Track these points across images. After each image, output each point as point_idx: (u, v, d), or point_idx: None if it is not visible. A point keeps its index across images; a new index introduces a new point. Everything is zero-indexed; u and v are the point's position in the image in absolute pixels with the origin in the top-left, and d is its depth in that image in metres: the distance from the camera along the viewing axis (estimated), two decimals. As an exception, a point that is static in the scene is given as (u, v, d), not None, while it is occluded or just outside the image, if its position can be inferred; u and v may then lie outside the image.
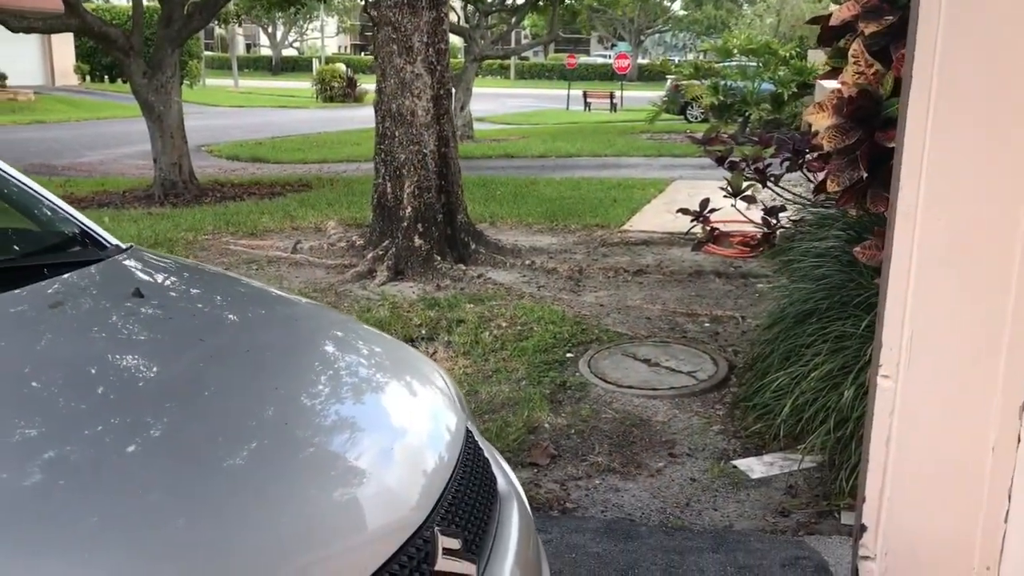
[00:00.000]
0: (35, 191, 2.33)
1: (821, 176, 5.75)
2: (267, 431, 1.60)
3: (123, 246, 2.35)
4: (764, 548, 3.12)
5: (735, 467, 3.76)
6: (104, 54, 36.11)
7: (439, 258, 6.84)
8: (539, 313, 5.65)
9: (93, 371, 1.67)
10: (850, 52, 3.55)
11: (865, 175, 3.51)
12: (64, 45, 35.25)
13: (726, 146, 6.64)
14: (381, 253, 6.88)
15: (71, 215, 2.37)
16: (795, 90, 16.44)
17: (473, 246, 7.14)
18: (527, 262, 7.08)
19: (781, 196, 6.16)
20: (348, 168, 14.35)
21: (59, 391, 1.60)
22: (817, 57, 17.56)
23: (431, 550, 1.53)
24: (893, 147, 3.39)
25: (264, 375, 1.78)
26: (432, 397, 1.98)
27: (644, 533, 3.23)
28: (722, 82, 17.31)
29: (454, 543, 1.59)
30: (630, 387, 4.55)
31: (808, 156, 5.65)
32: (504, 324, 5.48)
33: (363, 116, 26.60)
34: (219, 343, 1.87)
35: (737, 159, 6.42)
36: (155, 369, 1.72)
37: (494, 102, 33.14)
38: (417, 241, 6.84)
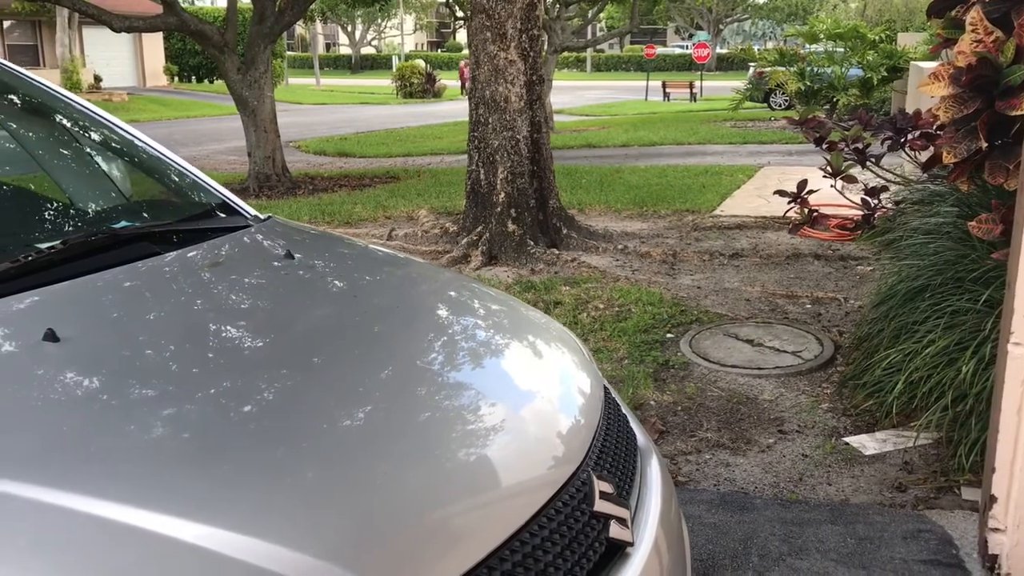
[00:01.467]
0: (185, 167, 2.45)
1: (925, 155, 5.63)
2: (428, 380, 1.66)
3: (262, 216, 2.45)
4: (884, 521, 3.09)
5: (847, 444, 3.72)
6: (191, 56, 37.27)
7: (532, 243, 6.90)
8: (636, 295, 5.66)
9: (257, 323, 1.76)
10: (968, 20, 3.47)
11: (984, 145, 3.43)
12: (154, 48, 36.45)
13: (824, 127, 6.53)
14: (475, 239, 6.97)
15: (214, 188, 2.48)
16: (885, 74, 16.03)
17: (565, 231, 7.17)
18: (619, 246, 7.08)
19: (881, 177, 6.04)
20: (432, 161, 14.52)
21: (224, 341, 1.69)
22: (907, 40, 17.09)
23: (588, 492, 1.57)
24: (1015, 116, 3.31)
25: (420, 328, 1.85)
26: (571, 352, 2.03)
27: (759, 505, 3.22)
28: (808, 68, 16.98)
29: (608, 487, 1.64)
30: (734, 366, 4.53)
31: (911, 135, 5.54)
32: (601, 306, 5.50)
33: (443, 111, 26.87)
34: (371, 299, 1.95)
35: (836, 139, 6.32)
36: (315, 322, 1.80)
37: (570, 95, 33.09)
38: (510, 226, 6.90)
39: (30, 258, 1.75)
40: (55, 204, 2.37)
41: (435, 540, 1.31)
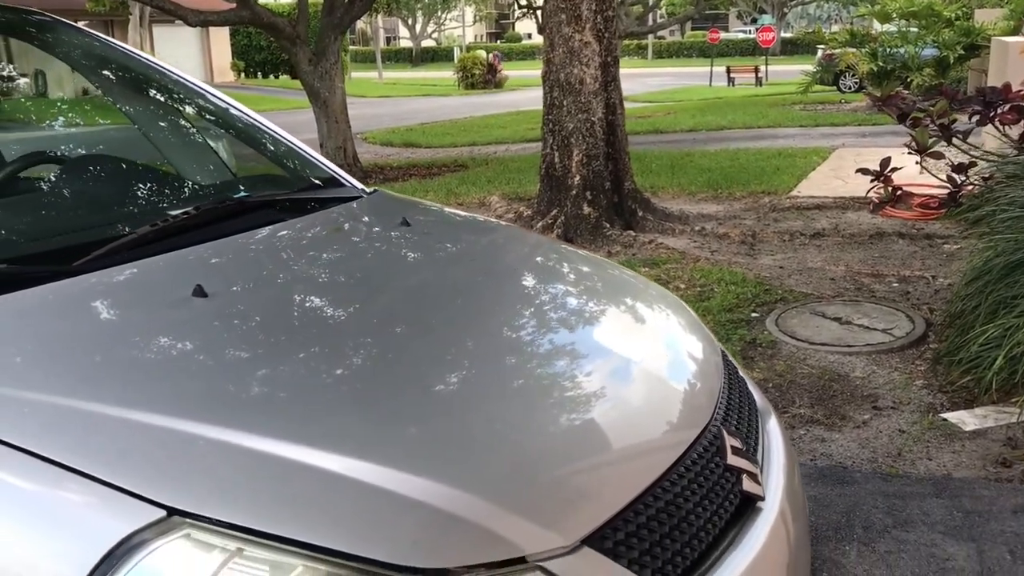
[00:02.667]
0: (297, 146, 2.53)
1: (1017, 129, 5.46)
2: (561, 338, 1.70)
3: (368, 189, 2.50)
4: (991, 495, 3.03)
5: (945, 420, 3.65)
6: (257, 51, 37.89)
7: (608, 225, 6.88)
8: (717, 275, 5.62)
9: (387, 281, 1.81)
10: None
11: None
12: (221, 44, 37.16)
13: (908, 103, 6.38)
14: (550, 222, 6.98)
15: (324, 163, 2.55)
16: (961, 52, 15.56)
17: (640, 213, 7.14)
18: (696, 228, 7.03)
19: (969, 153, 5.88)
20: (498, 149, 14.55)
21: (358, 297, 1.74)
22: (985, 16, 16.56)
23: (721, 446, 1.59)
24: None
25: (543, 289, 1.89)
26: (688, 315, 2.04)
27: (859, 479, 3.19)
28: (880, 48, 16.57)
29: (737, 443, 1.65)
30: (823, 344, 4.47)
31: (1001, 108, 5.38)
32: (683, 286, 5.47)
33: (505, 101, 26.86)
34: (491, 261, 1.99)
35: (920, 115, 6.16)
36: (443, 280, 1.85)
37: (633, 82, 32.78)
38: (586, 209, 6.90)
39: (168, 223, 1.82)
40: (187, 180, 2.46)
41: (581, 485, 1.34)
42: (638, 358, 1.72)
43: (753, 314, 4.96)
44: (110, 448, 1.15)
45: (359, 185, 2.54)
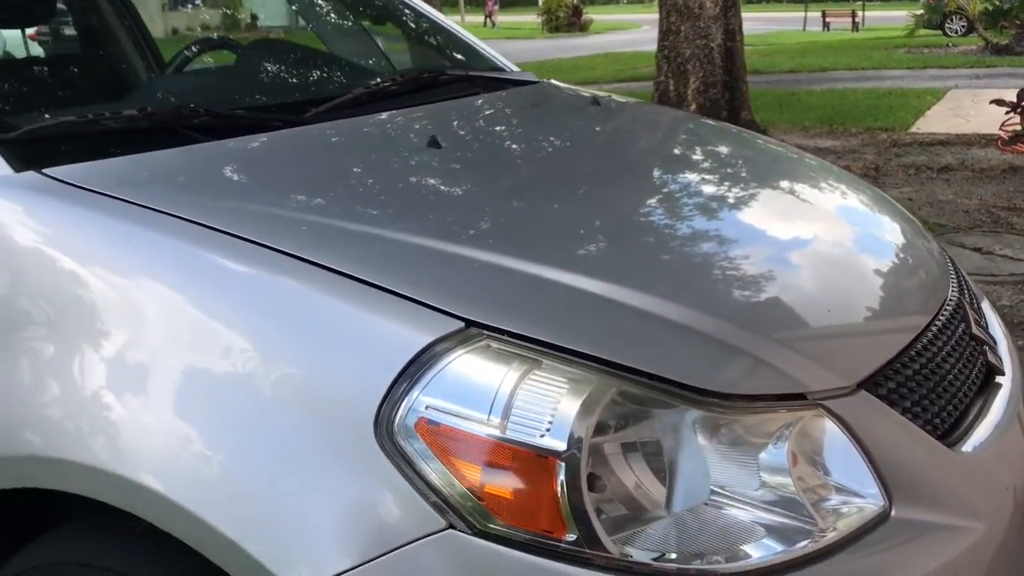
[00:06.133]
0: (472, 40, 2.53)
1: None
2: (794, 207, 1.70)
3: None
4: None
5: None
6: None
7: (722, 157, 6.75)
8: (843, 205, 5.46)
9: (598, 146, 1.87)
10: None
11: None
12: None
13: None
14: (662, 152, 6.88)
15: (496, 57, 2.54)
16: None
17: (755, 145, 6.98)
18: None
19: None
20: (590, 88, 14.35)
21: (569, 158, 1.78)
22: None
23: (964, 315, 1.54)
24: None
25: (749, 164, 1.89)
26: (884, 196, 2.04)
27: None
28: (996, -13, 15.80)
29: (975, 316, 1.60)
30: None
31: None
32: (807, 215, 5.34)
33: (589, 44, 26.50)
34: (692, 137, 1.99)
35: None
36: (649, 148, 1.88)
37: (724, 26, 31.96)
38: (700, 139, 6.76)
39: (379, 87, 1.85)
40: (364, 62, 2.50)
41: (856, 331, 1.36)
42: (884, 228, 1.76)
43: (886, 242, 4.81)
44: (407, 269, 1.17)
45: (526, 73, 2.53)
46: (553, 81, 2.50)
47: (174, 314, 1.13)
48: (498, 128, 1.84)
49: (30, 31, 2.86)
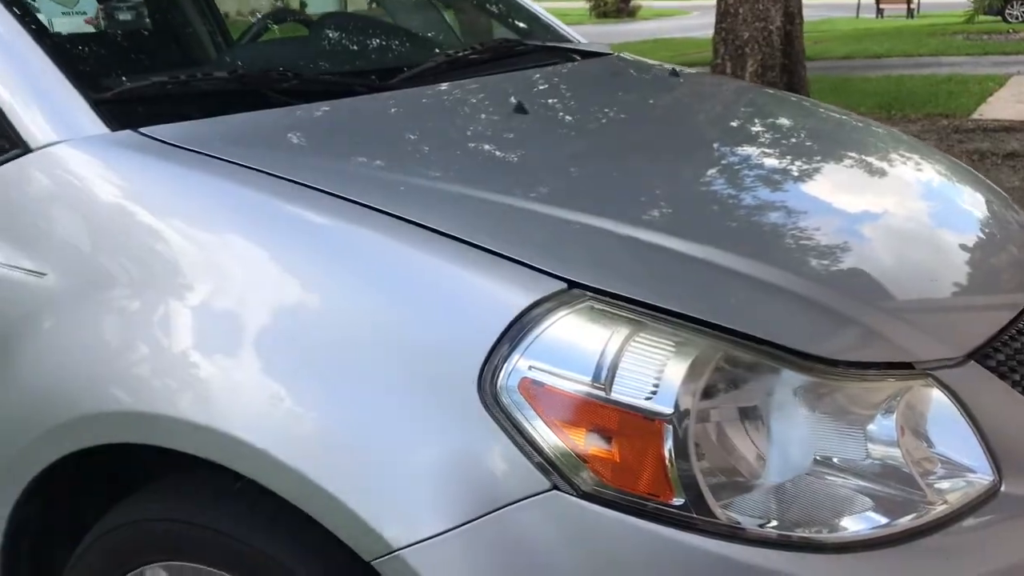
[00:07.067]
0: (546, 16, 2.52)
1: None
2: (882, 182, 1.67)
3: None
4: None
5: None
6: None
7: (779, 141, 6.65)
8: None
9: (692, 115, 1.88)
10: None
11: None
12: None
13: None
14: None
15: (566, 30, 2.52)
16: None
17: (813, 130, 6.87)
18: (873, 147, 6.72)
19: None
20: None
21: (652, 123, 1.81)
22: None
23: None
24: None
25: (838, 136, 1.87)
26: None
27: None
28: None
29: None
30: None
31: None
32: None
33: (638, 30, 26.27)
34: (772, 106, 1.98)
35: None
36: (712, 122, 1.87)
37: (774, 12, 31.49)
38: (756, 123, 6.67)
39: (459, 55, 1.85)
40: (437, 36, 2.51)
41: (963, 303, 1.33)
42: (977, 200, 1.74)
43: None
44: (508, 230, 1.16)
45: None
46: (625, 54, 2.48)
47: (273, 272, 1.13)
48: (581, 95, 1.83)
49: (86, 16, 2.91)
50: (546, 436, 1.01)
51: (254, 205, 1.17)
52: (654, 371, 1.01)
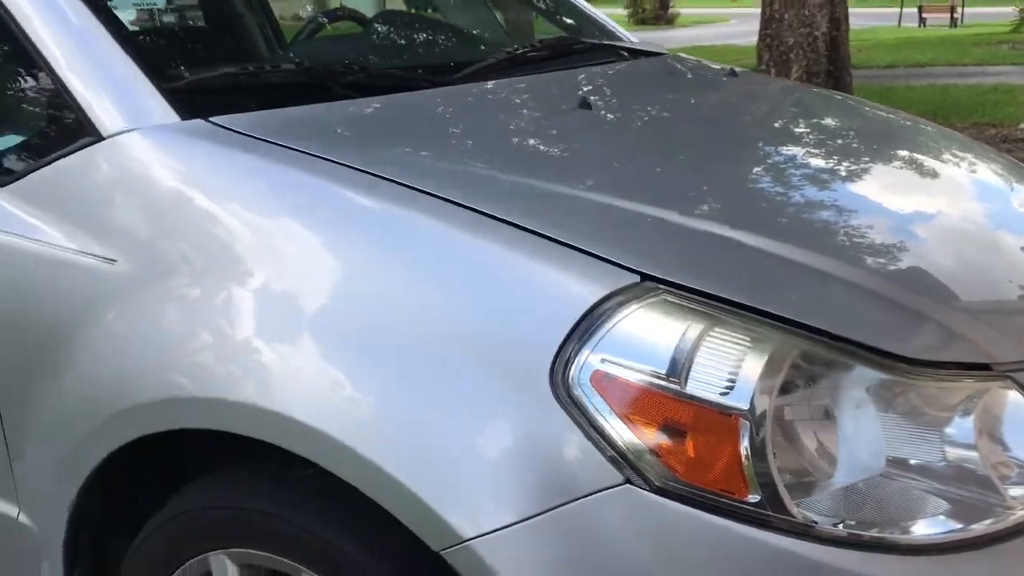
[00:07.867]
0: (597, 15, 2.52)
1: None
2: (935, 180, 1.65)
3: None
4: None
5: None
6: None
7: (823, 148, 6.59)
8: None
9: (744, 113, 1.88)
10: None
11: None
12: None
13: None
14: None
15: (616, 28, 2.52)
16: None
17: (858, 137, 6.80)
18: (918, 155, 6.63)
19: None
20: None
21: (711, 121, 1.80)
22: None
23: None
24: None
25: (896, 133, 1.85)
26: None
27: None
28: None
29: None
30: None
31: None
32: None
33: (677, 37, 26.10)
34: (823, 105, 1.99)
35: None
36: (774, 120, 1.89)
37: (814, 20, 31.23)
38: (800, 130, 6.61)
39: (519, 52, 1.86)
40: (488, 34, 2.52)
41: None
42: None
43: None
44: (579, 222, 1.16)
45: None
46: (681, 54, 2.48)
47: (345, 261, 1.14)
48: (643, 92, 1.84)
49: (131, 17, 2.95)
50: (619, 430, 1.00)
51: (330, 195, 1.18)
52: (730, 366, 1.00)
